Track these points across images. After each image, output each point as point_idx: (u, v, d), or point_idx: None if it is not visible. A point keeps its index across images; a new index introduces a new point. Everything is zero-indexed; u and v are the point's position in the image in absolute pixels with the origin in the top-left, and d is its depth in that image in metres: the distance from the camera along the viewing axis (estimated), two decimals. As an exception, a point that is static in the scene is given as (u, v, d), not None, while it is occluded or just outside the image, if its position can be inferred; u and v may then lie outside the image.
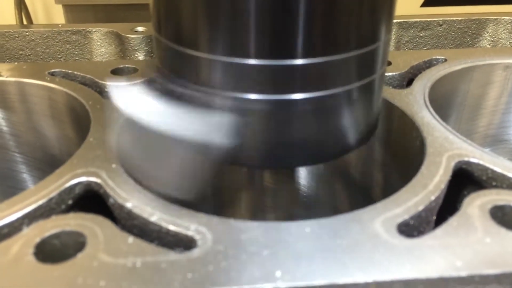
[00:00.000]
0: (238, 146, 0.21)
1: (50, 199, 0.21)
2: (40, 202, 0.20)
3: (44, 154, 0.33)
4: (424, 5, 0.76)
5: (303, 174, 0.37)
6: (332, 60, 0.20)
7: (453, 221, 0.19)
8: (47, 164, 0.34)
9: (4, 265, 0.17)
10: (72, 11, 0.59)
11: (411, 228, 0.20)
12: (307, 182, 0.37)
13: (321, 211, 0.36)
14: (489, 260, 0.17)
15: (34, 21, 0.68)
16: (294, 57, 0.19)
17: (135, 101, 0.22)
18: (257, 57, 0.19)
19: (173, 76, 0.22)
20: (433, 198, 0.21)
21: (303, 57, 0.19)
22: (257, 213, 0.37)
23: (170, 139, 0.21)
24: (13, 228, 0.19)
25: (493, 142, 0.37)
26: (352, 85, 0.21)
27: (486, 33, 0.46)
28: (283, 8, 0.18)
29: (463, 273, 0.17)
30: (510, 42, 0.46)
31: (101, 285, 0.16)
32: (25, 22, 0.63)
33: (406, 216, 0.19)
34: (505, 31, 0.46)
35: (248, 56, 0.19)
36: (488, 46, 0.46)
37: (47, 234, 0.18)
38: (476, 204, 0.20)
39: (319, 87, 0.20)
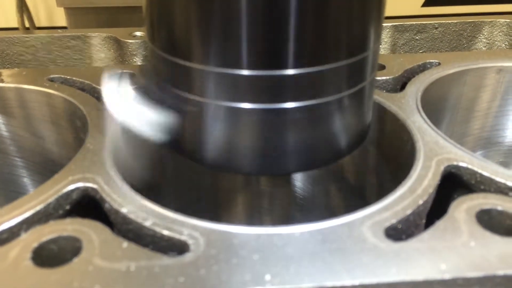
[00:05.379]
0: (233, 154, 0.22)
1: (48, 205, 0.21)
2: (38, 208, 0.21)
3: (44, 159, 0.34)
4: (425, 5, 0.77)
5: (297, 177, 0.37)
6: (322, 70, 0.20)
7: (439, 225, 0.20)
8: (47, 168, 0.34)
9: (2, 269, 0.17)
10: (74, 14, 0.59)
11: (399, 232, 0.20)
12: (301, 184, 0.37)
13: (316, 213, 0.37)
14: (473, 263, 0.18)
15: (37, 24, 0.69)
16: (285, 67, 0.19)
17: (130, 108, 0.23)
18: (249, 68, 0.19)
19: (166, 85, 0.22)
20: (421, 202, 0.21)
21: (294, 67, 0.20)
22: (253, 216, 0.38)
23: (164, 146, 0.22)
24: (12, 233, 0.20)
25: (486, 144, 0.37)
26: (343, 93, 0.21)
27: (481, 35, 0.46)
28: (275, 20, 0.19)
29: (447, 276, 0.17)
30: (505, 44, 0.46)
31: (95, 288, 0.17)
32: (27, 25, 0.64)
33: (393, 220, 0.20)
34: (501, 33, 0.46)
35: (241, 67, 0.19)
36: (483, 48, 0.47)
37: (44, 239, 0.19)
38: (463, 208, 0.20)
39: (310, 96, 0.21)
